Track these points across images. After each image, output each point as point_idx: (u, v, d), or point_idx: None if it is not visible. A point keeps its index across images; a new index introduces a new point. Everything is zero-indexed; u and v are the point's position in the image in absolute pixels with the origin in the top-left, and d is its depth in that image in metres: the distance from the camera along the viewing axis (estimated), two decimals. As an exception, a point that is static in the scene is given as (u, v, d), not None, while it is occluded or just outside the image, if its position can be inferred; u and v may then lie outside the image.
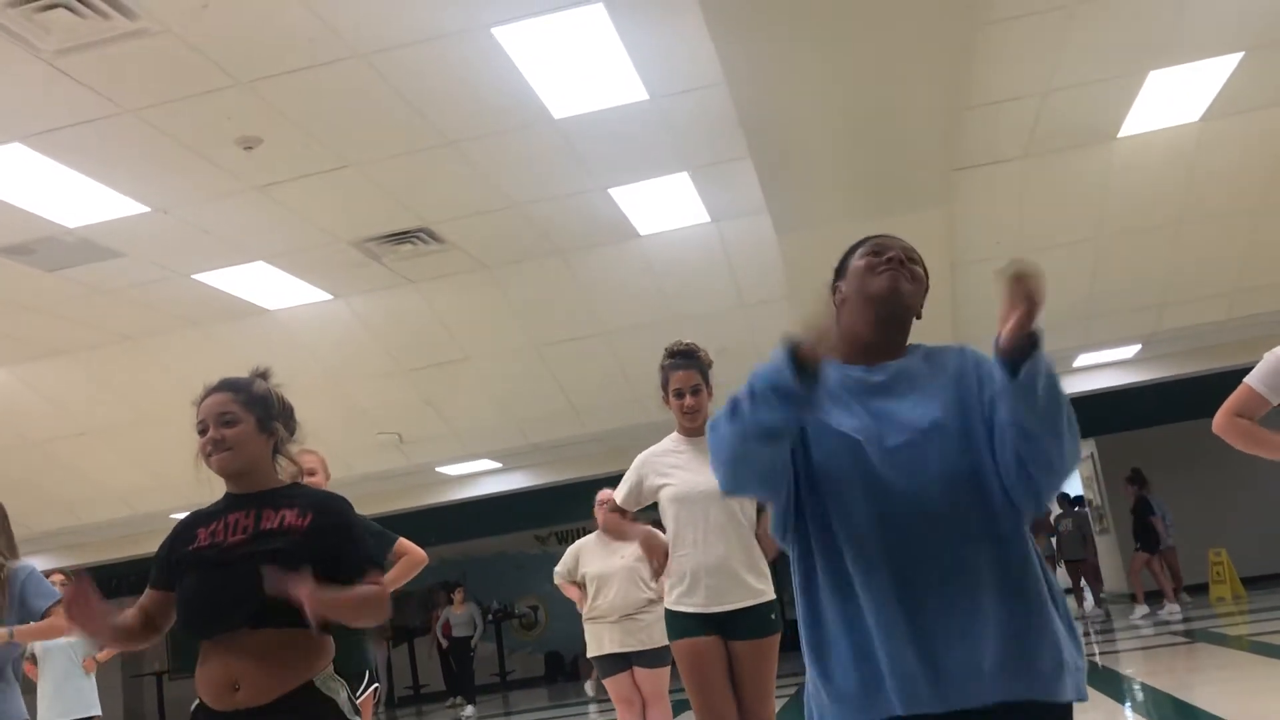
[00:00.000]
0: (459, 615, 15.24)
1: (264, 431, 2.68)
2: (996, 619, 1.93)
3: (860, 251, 2.20)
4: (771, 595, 4.05)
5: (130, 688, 19.04)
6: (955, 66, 5.72)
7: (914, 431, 2.00)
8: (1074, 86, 6.98)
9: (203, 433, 2.63)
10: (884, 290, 2.10)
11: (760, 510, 4.02)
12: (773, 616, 4.03)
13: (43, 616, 4.26)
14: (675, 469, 4.07)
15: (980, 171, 7.98)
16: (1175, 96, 7.32)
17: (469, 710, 13.95)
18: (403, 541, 4.56)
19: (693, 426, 4.09)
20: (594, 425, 11.28)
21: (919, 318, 2.19)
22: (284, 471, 2.77)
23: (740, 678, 3.98)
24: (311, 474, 4.16)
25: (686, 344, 4.15)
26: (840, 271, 2.24)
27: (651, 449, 4.20)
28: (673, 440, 4.18)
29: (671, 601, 4.07)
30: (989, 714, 1.93)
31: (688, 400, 4.05)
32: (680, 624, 4.03)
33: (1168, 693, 7.74)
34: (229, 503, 2.67)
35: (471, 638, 15.17)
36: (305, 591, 2.36)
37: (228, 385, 2.69)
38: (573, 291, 9.26)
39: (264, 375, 2.77)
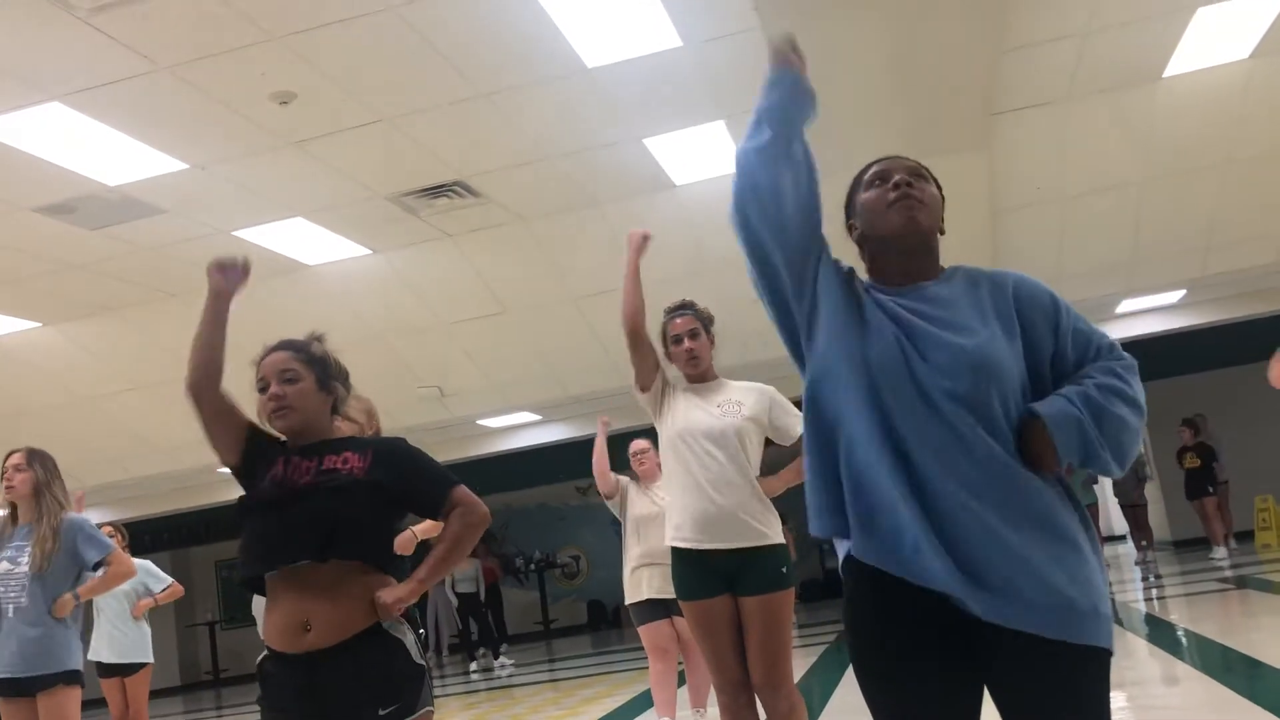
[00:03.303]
0: (464, 571, 14.43)
1: (323, 390, 2.73)
2: (1043, 553, 1.88)
3: (865, 181, 2.15)
4: (780, 539, 3.87)
5: (184, 636, 19.47)
6: (994, 6, 5.60)
7: (950, 354, 1.93)
8: (1117, 25, 6.81)
9: (263, 390, 2.68)
10: (900, 227, 2.05)
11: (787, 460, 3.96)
12: (784, 570, 3.84)
13: (95, 567, 4.38)
14: (680, 405, 3.97)
15: (1021, 115, 7.82)
16: (1223, 33, 7.13)
17: (500, 660, 14.01)
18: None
19: (696, 373, 4.04)
20: (632, 377, 11.29)
21: (943, 233, 2.12)
22: (341, 431, 2.85)
23: (751, 636, 3.78)
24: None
25: (682, 300, 4.13)
26: (850, 207, 2.18)
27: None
28: (680, 388, 4.10)
29: (673, 538, 3.92)
30: (1024, 641, 1.87)
31: (687, 344, 3.99)
32: (688, 579, 3.87)
33: (1213, 639, 7.70)
34: (294, 449, 2.71)
35: (476, 593, 14.64)
36: (387, 599, 2.51)
37: (288, 344, 2.74)
38: (609, 243, 9.21)
39: (320, 338, 2.82)
